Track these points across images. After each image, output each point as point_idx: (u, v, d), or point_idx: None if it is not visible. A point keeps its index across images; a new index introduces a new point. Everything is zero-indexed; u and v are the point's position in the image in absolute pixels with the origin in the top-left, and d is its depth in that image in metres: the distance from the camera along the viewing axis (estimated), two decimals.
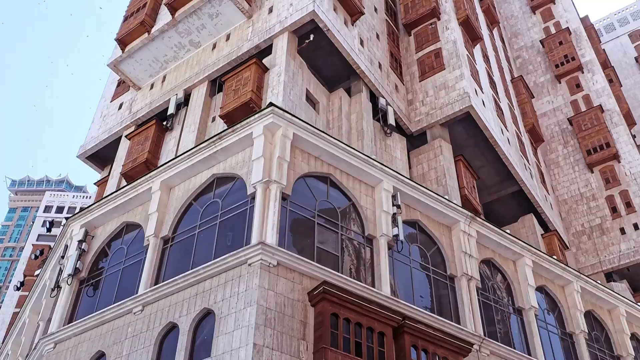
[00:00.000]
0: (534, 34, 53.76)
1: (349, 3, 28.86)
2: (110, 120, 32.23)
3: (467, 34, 35.59)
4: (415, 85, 32.10)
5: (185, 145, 25.76)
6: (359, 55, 28.12)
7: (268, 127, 17.58)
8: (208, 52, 29.31)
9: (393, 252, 18.37)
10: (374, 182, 19.18)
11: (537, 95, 48.63)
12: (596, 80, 47.41)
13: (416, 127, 30.10)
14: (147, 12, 30.73)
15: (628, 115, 50.92)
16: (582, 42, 50.54)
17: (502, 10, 57.89)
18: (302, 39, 26.87)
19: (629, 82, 66.43)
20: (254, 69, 25.19)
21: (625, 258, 37.05)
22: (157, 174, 19.43)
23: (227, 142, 18.18)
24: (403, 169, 27.11)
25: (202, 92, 27.98)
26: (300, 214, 17.15)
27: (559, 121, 46.14)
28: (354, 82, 28.26)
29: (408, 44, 34.77)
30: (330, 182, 18.46)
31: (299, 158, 17.96)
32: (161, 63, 30.91)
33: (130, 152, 28.11)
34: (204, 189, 18.49)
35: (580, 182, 42.00)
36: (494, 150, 31.34)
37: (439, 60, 32.11)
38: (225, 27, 29.36)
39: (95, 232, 20.56)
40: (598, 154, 42.06)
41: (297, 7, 26.68)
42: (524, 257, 21.88)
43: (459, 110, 29.22)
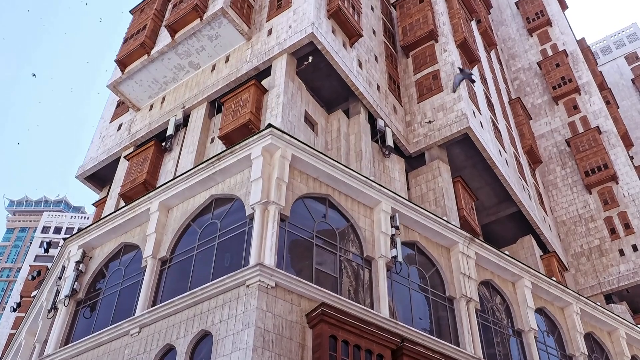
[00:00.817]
0: (531, 56, 54.16)
1: (348, 26, 29.12)
2: (109, 141, 32.30)
3: (465, 56, 35.84)
4: (413, 106, 32.26)
5: (184, 166, 25.79)
6: (358, 77, 28.29)
7: (267, 148, 17.62)
8: (207, 74, 29.48)
9: (392, 274, 18.31)
10: (373, 204, 19.18)
11: (535, 117, 48.85)
12: (593, 101, 47.66)
13: (414, 149, 30.19)
14: (147, 33, 30.96)
15: (625, 137, 51.14)
16: (579, 64, 50.90)
17: (500, 32, 58.38)
18: (301, 60, 27.07)
19: (626, 104, 66.77)
20: (252, 90, 25.32)
21: (625, 280, 36.93)
22: (155, 195, 19.41)
23: (225, 163, 18.20)
24: (401, 190, 27.12)
25: (201, 114, 28.08)
26: (298, 235, 17.11)
27: (556, 142, 46.29)
28: (353, 103, 28.40)
29: (406, 65, 35.00)
30: (328, 203, 18.45)
31: (297, 179, 17.97)
32: (160, 84, 31.06)
33: (128, 173, 28.13)
34: (203, 210, 18.46)
35: (578, 204, 42.02)
36: (492, 171, 31.40)
37: (437, 82, 32.30)
38: (224, 49, 29.58)
39: (93, 253, 20.49)
40: (596, 175, 42.13)
41: (296, 29, 26.91)
42: (523, 279, 21.81)
43: (457, 131, 29.33)
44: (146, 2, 33.81)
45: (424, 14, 35.67)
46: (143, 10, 33.46)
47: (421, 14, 35.86)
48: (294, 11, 28.28)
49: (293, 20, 27.70)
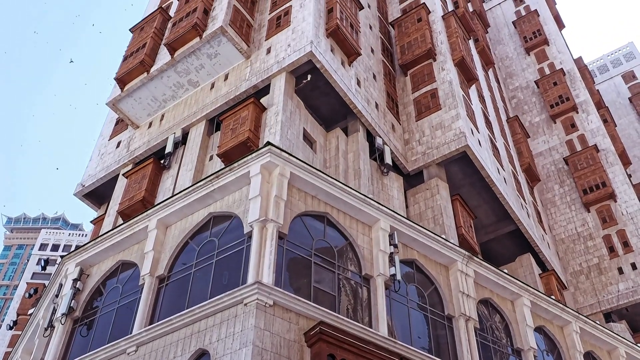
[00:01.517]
0: (528, 74, 54.47)
1: (346, 44, 29.30)
2: (108, 159, 32.32)
3: (463, 74, 36.03)
4: (411, 124, 32.36)
5: (182, 184, 25.79)
6: (356, 95, 28.41)
7: (265, 166, 17.64)
8: (206, 92, 29.59)
9: (390, 292, 18.24)
10: (371, 221, 19.16)
11: (533, 135, 49.00)
12: (591, 120, 47.85)
13: (413, 167, 30.24)
14: (147, 52, 31.11)
15: (623, 155, 51.28)
16: (577, 83, 51.17)
17: (497, 51, 58.75)
18: (299, 79, 27.19)
19: (624, 122, 67.03)
20: (251, 108, 25.40)
21: (624, 298, 36.82)
22: (153, 213, 19.39)
23: (224, 181, 18.20)
24: (400, 208, 27.12)
25: (200, 131, 28.14)
26: (296, 253, 17.07)
27: (554, 161, 46.40)
28: (351, 121, 28.49)
29: (404, 84, 35.16)
30: (327, 221, 18.43)
31: (295, 197, 17.97)
32: (160, 102, 31.16)
33: (127, 190, 28.12)
34: (201, 227, 18.43)
35: (577, 222, 42.01)
36: (491, 189, 31.43)
37: (435, 101, 32.44)
38: (223, 67, 29.72)
39: (91, 271, 20.41)
40: (594, 193, 42.17)
41: (294, 47, 27.06)
42: (522, 297, 21.74)
43: (455, 149, 29.41)
44: (146, 20, 34.02)
45: (422, 33, 35.91)
46: (143, 28, 33.65)
47: (419, 32, 36.10)
48: (292, 30, 28.47)
49: (292, 38, 27.88)
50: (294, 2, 30.44)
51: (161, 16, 33.43)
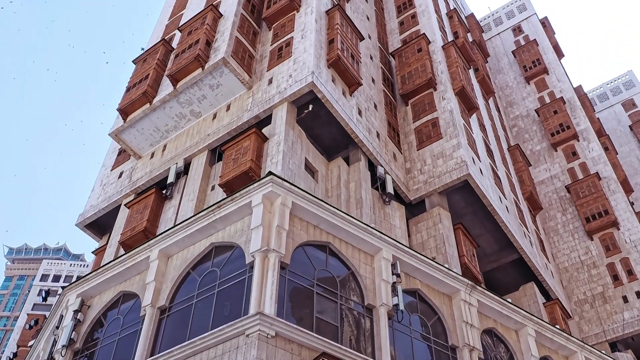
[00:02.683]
0: (529, 103, 54.75)
1: (347, 75, 29.55)
2: (110, 189, 32.38)
3: (463, 103, 36.24)
4: (413, 153, 32.44)
5: (184, 214, 25.79)
6: (357, 125, 28.55)
7: (267, 196, 17.67)
8: (208, 122, 29.76)
9: (393, 322, 18.10)
10: (373, 251, 19.11)
11: (534, 163, 49.06)
12: (592, 148, 47.95)
13: (415, 196, 30.24)
14: (150, 83, 31.38)
15: (625, 183, 51.22)
16: (577, 111, 51.40)
17: (497, 80, 59.16)
18: (301, 109, 27.37)
19: (625, 150, 67.12)
20: (253, 138, 25.53)
21: (629, 327, 36.45)
22: (155, 243, 19.36)
23: (226, 211, 18.21)
24: (402, 238, 27.06)
25: (202, 161, 28.23)
26: (299, 283, 16.99)
27: (556, 189, 46.36)
28: (353, 151, 28.58)
29: (405, 113, 35.36)
30: (329, 251, 18.39)
31: (297, 227, 17.95)
32: (162, 132, 31.33)
33: (129, 220, 28.11)
34: (202, 257, 18.39)
35: (580, 250, 41.80)
36: (493, 218, 31.37)
37: (436, 130, 32.58)
38: (225, 98, 29.95)
39: (92, 302, 20.31)
40: (597, 221, 42.04)
41: (296, 78, 27.30)
42: (526, 327, 21.55)
43: (457, 178, 29.44)
44: (149, 52, 34.39)
45: (423, 63, 36.22)
46: (146, 60, 33.99)
47: (420, 62, 36.42)
48: (294, 61, 28.75)
49: (293, 69, 28.14)
50: (295, 34, 30.79)
51: (164, 48, 33.80)
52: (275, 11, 32.99)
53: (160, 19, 42.56)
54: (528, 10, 66.59)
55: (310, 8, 31.78)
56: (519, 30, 64.80)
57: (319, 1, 32.56)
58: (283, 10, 32.80)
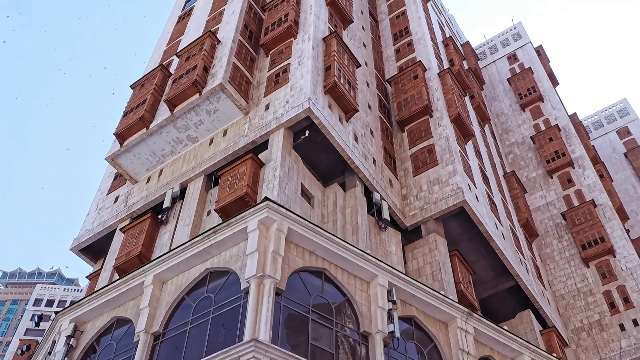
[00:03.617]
0: (524, 130, 55.05)
1: (344, 101, 29.72)
2: (106, 213, 32.29)
3: (459, 130, 36.42)
4: (409, 180, 32.50)
5: (179, 239, 25.69)
6: (354, 151, 28.64)
7: (263, 221, 17.64)
8: (205, 147, 29.82)
9: (389, 350, 17.97)
10: (369, 277, 19.04)
11: (530, 190, 49.15)
12: (587, 175, 48.10)
13: (411, 222, 30.22)
14: (147, 107, 31.48)
15: (621, 210, 51.31)
16: (572, 139, 51.67)
17: (493, 107, 59.55)
18: (297, 134, 27.46)
19: (620, 177, 67.34)
20: (249, 163, 25.56)
21: (627, 355, 36.19)
22: (150, 268, 19.27)
23: (221, 236, 18.17)
24: (398, 264, 26.97)
25: (198, 186, 28.22)
26: (294, 310, 16.89)
27: (552, 216, 46.39)
28: (349, 177, 28.62)
29: (401, 140, 35.50)
30: (324, 277, 18.31)
31: (293, 252, 17.90)
32: (158, 157, 31.35)
33: (124, 245, 27.98)
34: (197, 283, 18.31)
35: (576, 277, 41.69)
36: (489, 245, 31.32)
37: (432, 156, 32.69)
38: (222, 123, 30.05)
39: (85, 327, 20.12)
40: (593, 248, 42.00)
41: (293, 104, 27.44)
42: (523, 355, 21.40)
43: (453, 205, 29.46)
44: (147, 77, 34.56)
45: (419, 90, 36.48)
46: (143, 85, 34.15)
47: (416, 89, 36.67)
48: (291, 87, 28.93)
49: (290, 95, 28.30)
50: (292, 60, 31.03)
51: (162, 73, 33.99)
52: (273, 38, 33.29)
53: (158, 45, 42.87)
54: (523, 38, 67.32)
55: (307, 35, 32.08)
56: (514, 58, 65.43)
57: (316, 28, 32.88)
58: (280, 37, 33.10)
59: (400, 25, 46.88)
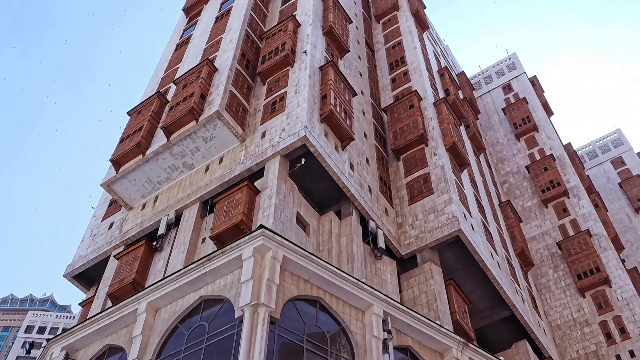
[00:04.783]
0: (519, 160, 55.32)
1: (340, 129, 29.86)
2: (100, 240, 32.13)
3: (455, 159, 36.55)
4: (404, 208, 32.50)
5: (174, 266, 25.55)
6: (349, 179, 28.68)
7: (258, 249, 17.59)
8: (201, 174, 29.83)
9: None
10: (365, 306, 18.93)
11: (525, 220, 49.20)
12: (582, 205, 48.22)
13: (406, 251, 30.14)
14: (143, 134, 31.55)
15: (616, 240, 51.34)
16: (567, 168, 51.91)
17: (488, 137, 59.89)
18: (293, 162, 27.52)
19: (615, 207, 67.54)
20: (245, 191, 25.56)
21: None
22: (143, 295, 19.13)
23: (216, 264, 18.09)
24: (393, 293, 26.84)
25: (193, 213, 28.16)
26: (288, 339, 16.75)
27: (548, 245, 46.37)
28: (344, 205, 28.62)
29: (397, 168, 35.59)
30: (319, 306, 18.21)
31: (288, 281, 17.81)
32: (154, 184, 31.33)
33: (117, 272, 27.80)
34: (191, 311, 18.18)
35: (572, 307, 41.53)
36: (485, 274, 31.22)
37: (428, 185, 32.74)
38: (218, 150, 30.11)
39: (77, 355, 19.90)
40: (589, 278, 41.92)
41: (289, 132, 27.55)
42: None
43: (449, 234, 29.42)
44: (144, 104, 34.72)
45: (414, 119, 36.69)
46: (140, 112, 34.28)
47: (411, 118, 36.89)
48: (287, 115, 29.07)
49: (286, 123, 28.43)
50: (289, 89, 31.24)
51: (158, 100, 34.15)
52: (270, 66, 33.55)
53: (156, 72, 43.13)
54: (517, 69, 68.06)
55: (304, 64, 32.35)
56: (509, 88, 66.06)
57: (313, 57, 33.17)
58: (277, 66, 33.36)
59: (396, 55, 47.34)
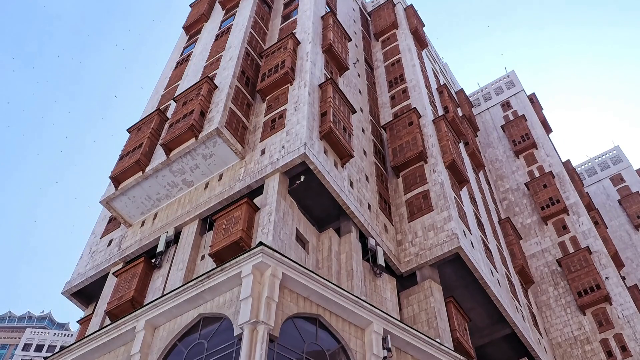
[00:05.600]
0: (518, 177, 55.35)
1: (339, 146, 29.92)
2: (99, 257, 32.05)
3: (454, 176, 36.58)
4: (404, 225, 32.47)
5: (172, 284, 25.46)
6: (349, 196, 28.68)
7: (257, 266, 17.54)
8: (200, 191, 29.83)
9: None
10: (364, 324, 18.84)
11: (525, 237, 49.12)
12: (582, 222, 48.17)
13: (406, 268, 30.06)
14: (143, 151, 31.59)
15: (616, 257, 51.21)
16: (566, 185, 51.92)
17: (487, 154, 59.98)
18: (293, 179, 27.54)
19: (615, 224, 67.47)
20: (244, 208, 25.54)
21: None
22: (142, 313, 19.04)
23: (215, 281, 18.03)
24: (393, 311, 26.72)
25: (192, 230, 28.11)
26: (287, 357, 16.65)
27: (547, 262, 46.25)
28: (344, 222, 28.59)
29: (396, 185, 35.60)
30: (319, 324, 18.12)
31: (287, 298, 17.75)
32: (153, 201, 31.32)
33: (116, 289, 27.69)
34: (190, 329, 18.08)
35: (573, 325, 41.33)
36: (485, 291, 31.11)
37: (427, 202, 32.73)
38: (218, 167, 30.14)
39: None
40: (589, 295, 41.75)
41: (288, 149, 27.60)
42: None
43: (448, 251, 29.36)
44: (143, 121, 34.80)
45: (414, 136, 36.76)
46: (140, 129, 34.35)
47: (411, 136, 36.96)
48: (287, 132, 29.14)
49: (286, 140, 28.49)
50: (288, 106, 31.34)
51: (159, 117, 34.24)
52: (270, 84, 33.69)
53: (156, 89, 43.29)
54: (516, 86, 68.34)
55: (303, 81, 32.49)
56: (508, 105, 66.27)
57: (312, 75, 33.32)
58: (277, 83, 33.50)
59: (396, 73, 47.56)
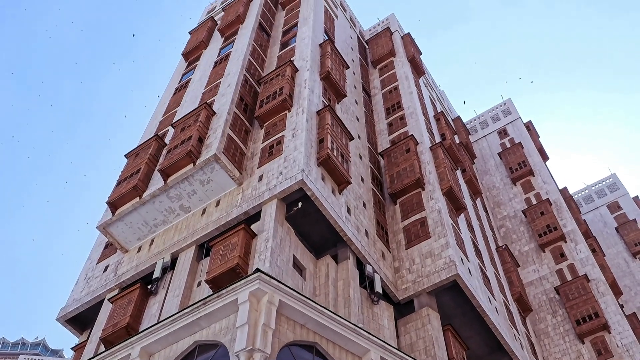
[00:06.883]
0: (516, 204, 55.39)
1: (337, 173, 29.97)
2: (94, 283, 31.84)
3: (451, 203, 36.60)
4: (401, 252, 32.39)
5: (168, 310, 25.27)
6: (346, 223, 28.65)
7: (254, 293, 17.44)
8: (197, 217, 29.77)
9: None
10: (361, 352, 18.68)
11: (523, 264, 48.98)
12: (580, 249, 48.08)
13: (403, 295, 29.91)
14: (141, 177, 31.58)
15: (614, 285, 51.01)
16: (563, 213, 51.94)
17: (484, 181, 60.09)
18: (290, 206, 27.52)
19: (612, 252, 67.34)
20: (242, 234, 25.48)
21: None
22: (137, 340, 18.87)
23: (211, 308, 17.91)
24: (391, 338, 26.52)
25: (189, 256, 28.00)
26: None
27: (545, 290, 46.05)
28: (341, 249, 28.51)
29: (394, 212, 35.58)
30: (315, 352, 17.96)
31: (284, 326, 17.62)
32: (150, 226, 31.23)
33: (111, 316, 27.47)
34: (185, 356, 17.90)
35: (572, 354, 41.01)
36: (483, 319, 30.92)
37: (425, 229, 32.69)
38: (215, 193, 30.13)
39: None
40: (587, 324, 41.49)
41: (286, 175, 27.64)
42: None
43: (446, 278, 29.25)
44: (141, 146, 34.86)
45: (411, 163, 36.86)
46: (138, 154, 34.40)
47: (408, 162, 37.06)
48: (284, 158, 29.22)
49: (284, 167, 28.54)
50: (286, 132, 31.46)
51: (156, 143, 34.31)
52: (268, 110, 33.85)
53: (154, 115, 43.45)
54: (513, 114, 68.77)
55: (301, 108, 32.67)
56: (505, 133, 66.61)
57: (310, 102, 33.51)
58: (275, 110, 33.67)
59: (393, 100, 47.85)
